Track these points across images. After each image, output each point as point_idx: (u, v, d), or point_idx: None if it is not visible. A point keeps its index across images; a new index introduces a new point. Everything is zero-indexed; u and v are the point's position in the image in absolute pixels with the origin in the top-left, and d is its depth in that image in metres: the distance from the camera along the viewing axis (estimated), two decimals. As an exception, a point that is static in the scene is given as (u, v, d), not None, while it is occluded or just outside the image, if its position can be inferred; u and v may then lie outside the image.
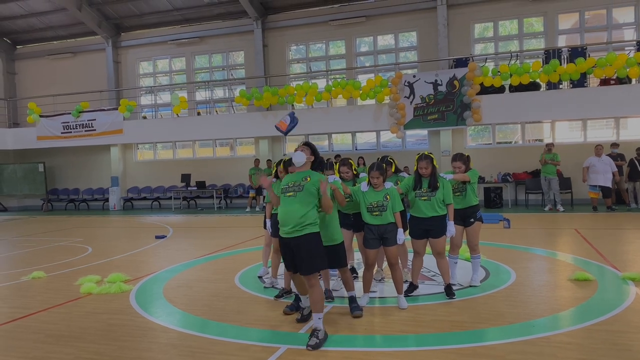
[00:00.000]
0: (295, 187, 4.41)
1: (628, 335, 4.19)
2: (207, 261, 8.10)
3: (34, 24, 21.19)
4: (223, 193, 18.55)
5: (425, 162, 5.34)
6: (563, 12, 16.13)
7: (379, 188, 5.13)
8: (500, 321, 4.62)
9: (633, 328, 4.34)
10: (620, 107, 13.91)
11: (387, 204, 5.08)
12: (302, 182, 4.41)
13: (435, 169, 5.42)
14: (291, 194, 4.40)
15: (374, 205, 5.10)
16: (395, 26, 17.66)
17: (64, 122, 19.17)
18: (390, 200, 5.10)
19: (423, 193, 5.37)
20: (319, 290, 4.35)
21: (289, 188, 4.44)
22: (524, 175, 15.60)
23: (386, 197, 5.10)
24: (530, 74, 14.21)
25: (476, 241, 5.97)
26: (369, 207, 5.12)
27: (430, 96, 15.17)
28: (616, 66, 13.44)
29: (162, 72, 20.93)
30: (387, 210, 5.08)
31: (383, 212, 5.08)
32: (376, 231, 5.11)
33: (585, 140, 15.53)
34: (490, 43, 17.06)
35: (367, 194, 5.15)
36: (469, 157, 6.01)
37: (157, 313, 5.29)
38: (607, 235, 9.50)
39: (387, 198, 5.10)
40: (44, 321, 5.12)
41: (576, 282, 5.87)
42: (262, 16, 18.59)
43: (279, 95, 16.45)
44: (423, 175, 5.38)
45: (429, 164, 5.34)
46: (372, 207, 5.10)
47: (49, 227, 14.36)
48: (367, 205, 5.13)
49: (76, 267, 7.85)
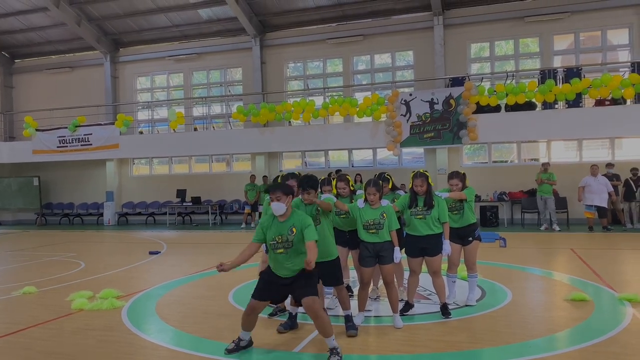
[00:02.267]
0: (284, 243, 4.28)
1: (625, 357, 4.14)
2: (201, 277, 8.03)
3: (33, 38, 21.28)
4: (218, 209, 18.49)
5: (420, 180, 5.33)
6: (558, 33, 16.32)
7: (375, 205, 5.09)
8: (496, 341, 4.57)
9: (630, 350, 4.30)
10: (615, 127, 14.00)
11: (383, 222, 5.05)
12: (289, 236, 4.28)
13: (431, 187, 5.40)
14: (282, 251, 4.31)
15: (370, 223, 5.06)
16: (392, 45, 17.81)
17: (60, 136, 19.14)
18: (387, 218, 5.07)
19: (418, 211, 5.35)
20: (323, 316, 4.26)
21: (277, 244, 4.30)
22: (519, 194, 15.61)
23: (383, 215, 5.06)
24: (526, 93, 14.30)
25: (474, 260, 5.93)
26: (366, 224, 5.07)
27: (426, 114, 15.24)
28: (611, 87, 13.56)
29: (159, 87, 21.00)
30: (383, 229, 5.04)
31: (379, 230, 5.04)
32: (372, 249, 5.07)
33: (581, 160, 15.60)
34: (486, 63, 17.21)
35: (363, 211, 5.11)
36: (464, 174, 5.99)
37: (149, 330, 5.22)
38: (603, 255, 9.48)
39: (384, 216, 5.06)
40: (34, 337, 5.04)
41: (572, 303, 5.83)
42: (260, 34, 18.74)
43: (276, 111, 16.50)
44: (418, 193, 5.37)
45: (424, 181, 5.32)
46: (368, 224, 5.06)
47: (42, 241, 14.24)
48: (363, 223, 5.08)
49: (68, 283, 7.76)
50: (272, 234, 4.34)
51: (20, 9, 19.46)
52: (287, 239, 4.27)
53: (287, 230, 4.29)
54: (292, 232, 4.27)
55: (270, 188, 4.37)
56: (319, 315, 4.20)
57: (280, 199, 4.28)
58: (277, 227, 4.34)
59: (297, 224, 4.29)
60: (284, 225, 4.32)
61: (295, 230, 4.27)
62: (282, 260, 4.32)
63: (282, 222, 4.34)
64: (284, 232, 4.29)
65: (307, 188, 4.77)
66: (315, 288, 4.38)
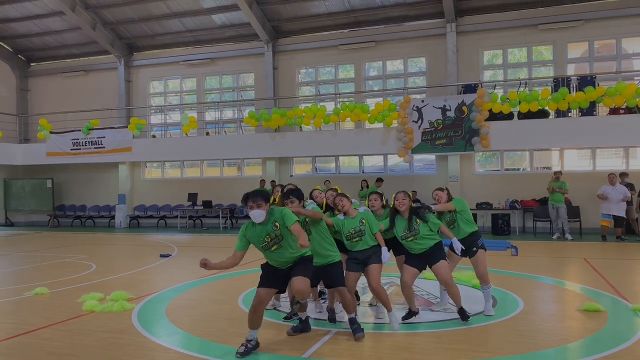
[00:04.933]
0: (275, 239, 4.43)
1: (639, 369, 4.08)
2: (211, 281, 8.04)
3: (49, 42, 21.55)
4: (229, 213, 18.54)
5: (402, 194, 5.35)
6: (572, 41, 16.19)
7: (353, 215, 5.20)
8: (507, 351, 4.52)
9: (644, 362, 4.23)
10: (630, 136, 13.85)
11: (364, 227, 5.14)
12: (276, 230, 4.42)
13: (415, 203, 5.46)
14: (276, 247, 4.46)
15: (352, 232, 5.16)
16: (405, 52, 17.80)
17: (73, 138, 19.34)
18: (366, 223, 5.16)
19: (407, 234, 5.30)
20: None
21: (269, 243, 4.45)
22: (532, 202, 15.48)
23: (362, 222, 5.16)
24: (539, 101, 14.20)
25: (484, 270, 5.73)
26: (348, 235, 5.17)
27: (438, 121, 15.19)
28: (626, 95, 13.42)
29: (172, 91, 21.15)
30: (365, 234, 5.14)
31: (362, 237, 5.14)
32: (360, 257, 5.16)
33: (595, 169, 15.44)
34: (499, 70, 17.12)
35: (343, 224, 5.21)
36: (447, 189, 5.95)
37: (158, 333, 5.23)
38: (616, 265, 9.36)
39: (363, 222, 5.16)
40: (45, 338, 5.07)
41: (585, 313, 5.76)
42: (273, 39, 18.82)
43: (287, 117, 16.54)
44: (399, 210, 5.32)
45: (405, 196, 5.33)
46: (350, 234, 5.17)
47: (54, 243, 14.36)
48: (346, 234, 5.18)
49: (79, 284, 7.82)
50: (260, 236, 4.46)
51: (37, 13, 19.73)
52: (275, 234, 4.42)
53: (271, 226, 4.42)
54: (277, 227, 4.41)
55: (250, 195, 4.42)
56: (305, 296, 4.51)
57: (260, 206, 4.37)
58: (261, 229, 4.46)
59: (276, 217, 4.44)
60: (267, 225, 4.44)
61: (278, 224, 4.41)
62: (280, 255, 4.50)
63: (263, 225, 4.46)
64: (270, 230, 4.42)
65: (289, 197, 4.97)
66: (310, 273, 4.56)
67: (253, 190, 4.50)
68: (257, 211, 4.37)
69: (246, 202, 4.41)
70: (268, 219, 4.44)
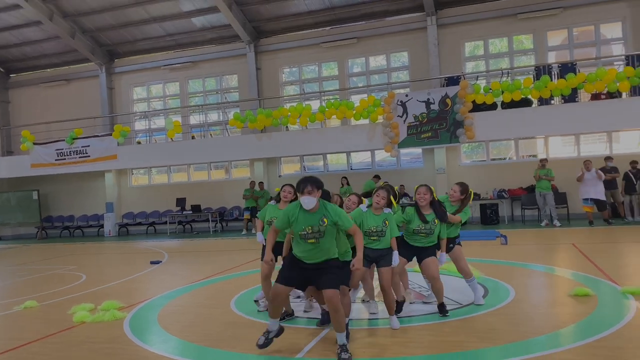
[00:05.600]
0: (315, 233, 4.29)
1: (630, 351, 4.12)
2: (202, 286, 8.00)
3: (28, 52, 21.30)
4: (218, 216, 18.47)
5: (424, 188, 5.37)
6: (552, 29, 16.34)
7: (378, 211, 5.08)
8: (499, 340, 4.54)
9: (634, 343, 4.28)
10: (612, 121, 14.02)
11: (386, 229, 5.04)
12: (321, 226, 4.29)
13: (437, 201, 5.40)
14: (313, 241, 4.31)
15: (372, 230, 5.04)
16: (387, 47, 17.83)
17: (57, 149, 19.15)
18: (389, 225, 5.07)
19: (422, 230, 5.32)
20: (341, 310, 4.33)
21: (308, 234, 4.30)
22: (519, 191, 15.60)
23: (385, 223, 5.06)
24: (521, 90, 14.32)
25: (464, 263, 5.82)
26: (368, 231, 5.05)
27: (423, 115, 15.25)
28: (606, 81, 13.57)
29: (155, 97, 21.01)
30: (385, 236, 5.05)
31: (381, 238, 5.05)
32: (372, 255, 5.09)
33: (579, 155, 15.60)
34: (481, 61, 17.22)
35: (365, 218, 5.09)
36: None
37: (151, 341, 5.19)
38: (605, 250, 9.46)
39: (386, 223, 5.06)
40: (35, 352, 5.00)
41: (576, 298, 5.81)
42: (254, 40, 18.76)
43: (273, 117, 16.51)
44: (421, 205, 5.34)
45: (427, 190, 5.36)
46: (370, 231, 5.05)
47: (43, 255, 14.21)
48: (365, 230, 5.05)
49: (69, 296, 7.73)
50: (302, 224, 4.32)
51: (15, 23, 19.50)
52: (319, 229, 4.28)
53: (318, 221, 4.29)
54: (324, 223, 4.29)
55: (301, 181, 4.34)
56: (338, 309, 4.24)
57: (311, 192, 4.27)
58: (306, 218, 4.32)
59: (328, 214, 4.32)
60: (315, 217, 4.31)
61: (327, 220, 4.29)
62: (312, 249, 4.34)
63: (311, 214, 4.33)
64: (315, 223, 4.29)
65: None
66: (341, 280, 4.42)
67: (306, 177, 4.39)
68: (307, 197, 4.26)
69: (299, 188, 4.32)
70: (318, 209, 4.33)
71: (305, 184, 4.28)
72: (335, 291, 4.27)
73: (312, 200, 4.27)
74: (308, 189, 4.26)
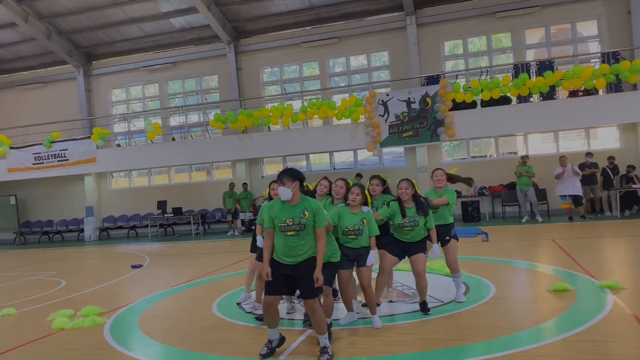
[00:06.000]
0: (296, 225, 4.27)
1: (608, 344, 4.19)
2: (184, 289, 7.93)
3: (2, 55, 20.90)
4: (200, 218, 18.33)
5: (405, 183, 5.38)
6: (529, 27, 16.53)
7: (355, 210, 5.07)
8: (481, 336, 4.58)
9: (612, 337, 4.35)
10: (590, 117, 14.24)
11: (363, 228, 5.03)
12: (302, 218, 4.28)
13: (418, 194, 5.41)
14: (292, 233, 4.28)
15: (350, 228, 5.02)
16: (367, 46, 17.88)
17: (35, 152, 18.82)
18: (366, 224, 5.06)
19: (406, 223, 5.34)
20: (321, 313, 4.34)
21: (289, 227, 4.27)
22: (500, 188, 15.76)
23: (362, 221, 5.04)
24: (500, 88, 14.47)
25: (454, 258, 5.89)
26: (345, 230, 5.04)
27: (404, 114, 15.32)
28: (583, 78, 13.78)
29: (135, 98, 20.77)
30: (362, 235, 5.04)
31: (359, 236, 5.04)
32: (351, 254, 5.07)
33: (558, 151, 15.80)
34: (460, 60, 17.35)
35: (343, 216, 5.08)
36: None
37: (132, 346, 5.12)
38: (583, 245, 9.60)
39: (364, 222, 5.05)
40: (13, 361, 4.91)
41: (555, 293, 5.88)
42: (234, 40, 18.66)
43: (254, 117, 16.43)
44: (403, 198, 5.36)
45: (409, 185, 5.37)
46: (348, 230, 5.03)
47: (21, 261, 13.96)
48: (343, 229, 5.05)
49: (48, 302, 7.60)
50: (283, 216, 4.31)
51: (-12, 25, 19.12)
52: (300, 221, 4.27)
53: (299, 213, 4.29)
54: (305, 215, 4.28)
55: (278, 174, 4.37)
56: (316, 311, 4.29)
57: (285, 183, 4.27)
58: (287, 210, 4.32)
59: (309, 207, 4.32)
60: (296, 209, 4.31)
61: (308, 213, 4.29)
62: (292, 243, 4.29)
63: (292, 206, 4.32)
64: (296, 215, 4.28)
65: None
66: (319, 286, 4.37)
67: (284, 169, 4.42)
68: (282, 188, 4.28)
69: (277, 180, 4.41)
70: (300, 202, 4.33)
71: (280, 176, 4.33)
72: (314, 300, 4.30)
73: (286, 190, 4.27)
74: (283, 180, 4.29)
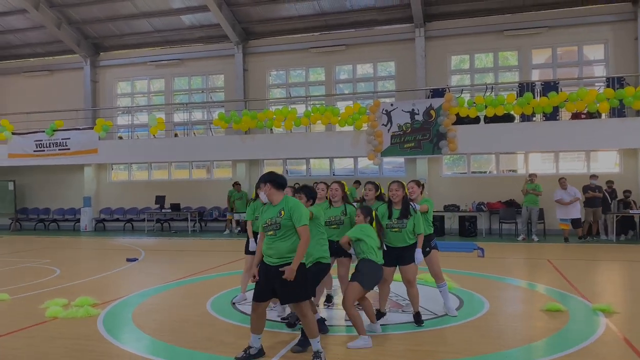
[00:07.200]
0: (273, 225, 4.42)
1: (598, 367, 4.21)
2: (178, 285, 7.94)
3: (11, 40, 20.94)
4: (198, 216, 18.33)
5: (396, 185, 5.47)
6: (536, 47, 16.62)
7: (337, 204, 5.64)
8: (472, 351, 4.60)
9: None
10: (591, 140, 14.30)
11: (344, 218, 5.55)
12: (278, 218, 4.41)
13: (407, 197, 5.49)
14: (271, 233, 4.43)
15: (332, 219, 5.57)
16: (374, 56, 17.95)
17: (37, 140, 18.82)
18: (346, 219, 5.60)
19: (394, 224, 5.40)
20: (311, 317, 4.39)
21: (268, 226, 4.45)
22: (498, 204, 15.80)
23: (343, 212, 5.59)
24: (504, 105, 14.53)
25: (438, 268, 5.95)
26: (327, 222, 5.49)
27: (407, 125, 15.37)
28: (587, 101, 13.85)
29: (140, 92, 20.81)
30: (344, 224, 5.53)
31: (341, 226, 5.52)
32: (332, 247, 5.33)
33: (558, 172, 15.85)
34: (466, 75, 17.44)
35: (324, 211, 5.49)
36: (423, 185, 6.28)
37: (124, 339, 5.14)
38: (578, 266, 9.64)
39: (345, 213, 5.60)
40: (5, 346, 4.92)
41: (548, 313, 5.91)
42: (243, 41, 18.73)
43: (257, 119, 16.47)
44: (394, 200, 5.45)
45: (399, 186, 5.45)
46: (330, 221, 5.55)
47: (16, 247, 13.95)
48: (325, 221, 5.42)
49: (42, 290, 7.61)
50: (265, 217, 4.54)
51: (-1, 10, 19.17)
52: (276, 221, 4.41)
53: (277, 213, 4.44)
54: (280, 215, 4.42)
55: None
56: (305, 314, 4.36)
57: (260, 187, 4.56)
58: (268, 210, 4.55)
59: (286, 207, 4.44)
60: (275, 209, 4.48)
61: (284, 212, 4.42)
62: (271, 242, 4.44)
63: (273, 207, 4.52)
64: (274, 215, 4.44)
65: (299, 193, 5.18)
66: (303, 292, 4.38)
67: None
68: (259, 192, 4.56)
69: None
70: (279, 202, 4.49)
71: (257, 182, 4.67)
72: (304, 303, 4.37)
73: (262, 194, 4.54)
74: (259, 185, 4.59)
